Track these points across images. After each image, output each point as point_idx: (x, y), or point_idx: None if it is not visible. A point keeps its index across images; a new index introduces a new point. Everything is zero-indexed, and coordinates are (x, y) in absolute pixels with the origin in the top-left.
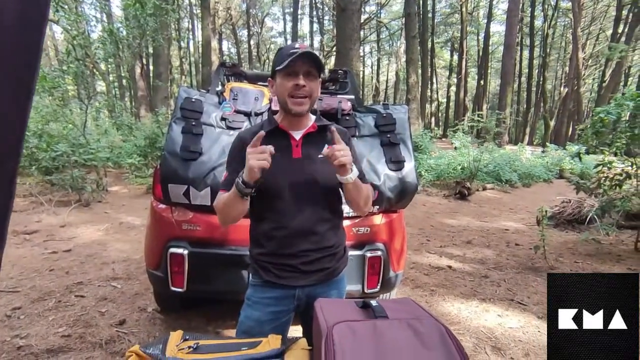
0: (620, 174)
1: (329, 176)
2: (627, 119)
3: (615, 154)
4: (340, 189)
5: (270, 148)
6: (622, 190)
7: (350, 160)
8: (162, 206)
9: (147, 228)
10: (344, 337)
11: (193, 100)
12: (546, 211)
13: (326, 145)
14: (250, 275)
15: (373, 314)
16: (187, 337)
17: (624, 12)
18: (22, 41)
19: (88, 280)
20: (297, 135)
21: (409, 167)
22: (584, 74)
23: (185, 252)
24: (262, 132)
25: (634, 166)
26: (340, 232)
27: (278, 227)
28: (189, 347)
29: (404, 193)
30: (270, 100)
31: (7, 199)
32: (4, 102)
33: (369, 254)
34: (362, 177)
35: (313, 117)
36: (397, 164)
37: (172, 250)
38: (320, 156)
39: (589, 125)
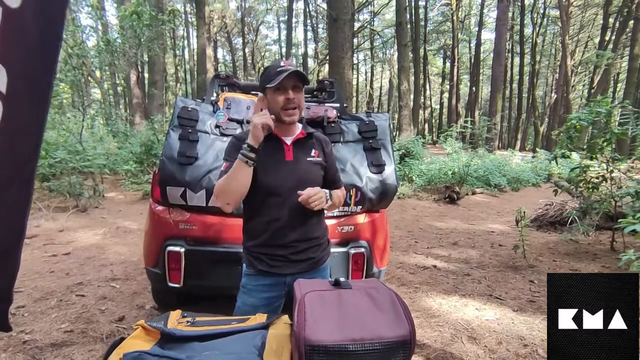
0: (597, 177)
1: (315, 176)
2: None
3: (591, 158)
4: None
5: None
6: (599, 192)
7: (322, 200)
8: (160, 207)
9: (146, 228)
10: (314, 302)
11: (189, 109)
12: (524, 212)
13: (313, 150)
14: (245, 265)
15: (340, 287)
16: (186, 315)
17: (611, 20)
18: (42, 59)
19: (88, 281)
20: (288, 140)
21: (389, 170)
22: (573, 81)
23: (182, 249)
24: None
25: (608, 169)
26: (323, 225)
27: (271, 219)
28: (187, 322)
29: (384, 194)
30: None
31: (27, 196)
32: (25, 112)
33: (352, 251)
34: (337, 181)
35: (300, 125)
36: (378, 167)
37: (170, 248)
38: (308, 159)
39: (563, 131)
